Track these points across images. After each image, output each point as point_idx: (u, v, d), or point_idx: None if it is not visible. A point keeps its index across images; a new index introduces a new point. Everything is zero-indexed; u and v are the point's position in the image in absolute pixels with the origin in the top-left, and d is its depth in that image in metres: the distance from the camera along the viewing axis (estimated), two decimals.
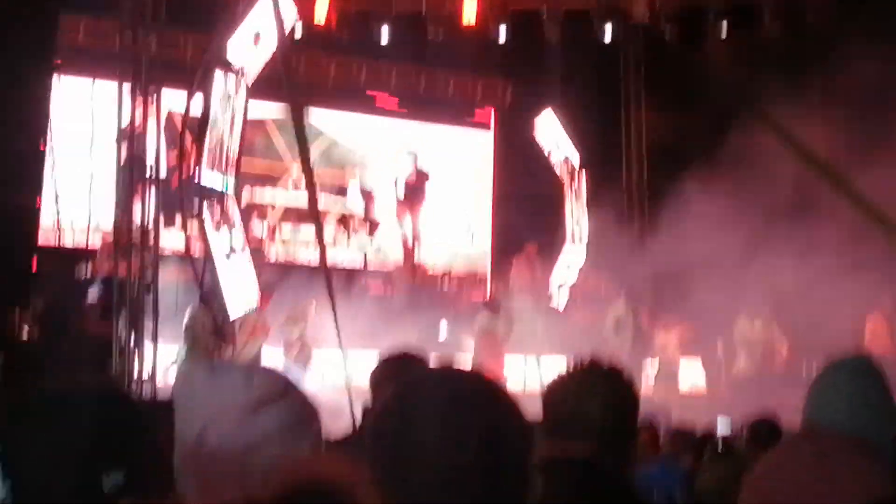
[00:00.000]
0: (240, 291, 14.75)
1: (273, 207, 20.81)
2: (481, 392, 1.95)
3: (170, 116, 16.11)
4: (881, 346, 17.33)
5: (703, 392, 19.27)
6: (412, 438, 1.87)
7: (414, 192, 22.00)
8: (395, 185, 21.97)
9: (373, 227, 21.73)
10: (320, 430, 2.42)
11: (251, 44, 15.33)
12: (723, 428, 9.86)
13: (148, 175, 13.72)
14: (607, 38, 20.31)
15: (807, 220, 17.29)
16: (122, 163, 13.95)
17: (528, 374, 16.64)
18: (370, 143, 22.27)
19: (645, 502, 2.56)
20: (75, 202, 15.81)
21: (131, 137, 13.77)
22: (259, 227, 20.32)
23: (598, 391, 2.99)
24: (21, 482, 2.02)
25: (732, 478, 6.59)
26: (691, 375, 19.38)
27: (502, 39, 20.20)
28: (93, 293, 13.69)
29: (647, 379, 18.56)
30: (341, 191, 21.70)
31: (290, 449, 2.29)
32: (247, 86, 15.47)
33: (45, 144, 13.44)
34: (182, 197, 14.85)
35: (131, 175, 13.77)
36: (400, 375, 4.83)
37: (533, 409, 2.72)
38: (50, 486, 2.02)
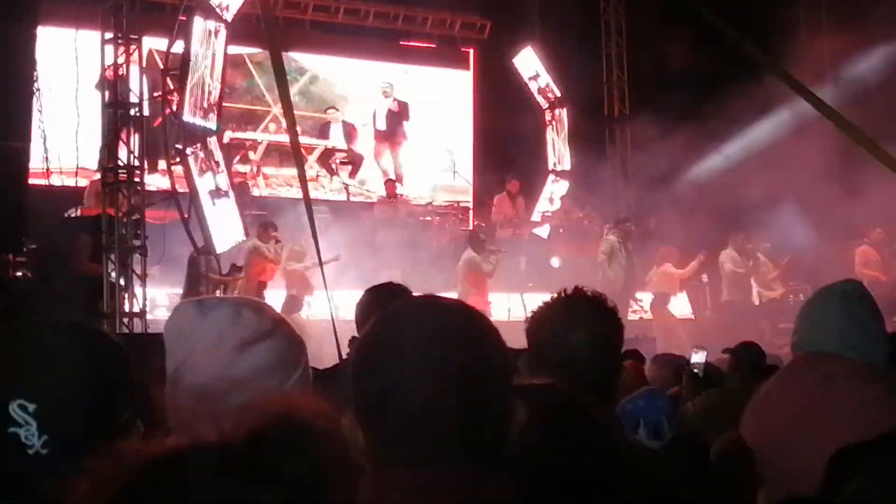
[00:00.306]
0: (225, 228, 14.86)
1: (255, 150, 20.81)
2: (462, 321, 1.92)
3: (151, 58, 16.02)
4: (870, 275, 17.48)
5: (693, 321, 19.36)
6: (392, 368, 1.85)
7: (394, 122, 22.01)
8: (373, 117, 21.99)
9: (356, 164, 21.75)
10: (307, 366, 2.46)
11: None
12: (698, 357, 9.95)
13: (133, 113, 13.84)
14: None
15: (795, 151, 17.31)
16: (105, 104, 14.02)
17: (513, 309, 16.71)
18: (351, 80, 22.22)
19: (603, 428, 2.57)
20: (63, 143, 15.80)
21: (115, 80, 13.85)
22: (243, 167, 20.36)
23: (581, 320, 3.00)
24: (54, 435, 2.07)
25: (717, 404, 6.68)
26: (680, 305, 19.44)
27: None
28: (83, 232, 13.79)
29: (640, 308, 18.70)
30: (324, 128, 21.69)
31: (276, 386, 2.34)
32: (226, 28, 15.43)
33: (32, 91, 13.41)
34: (166, 137, 14.85)
35: (115, 115, 13.85)
36: (384, 305, 4.91)
37: (517, 340, 2.78)
38: (81, 434, 2.06)
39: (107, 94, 14.13)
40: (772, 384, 2.27)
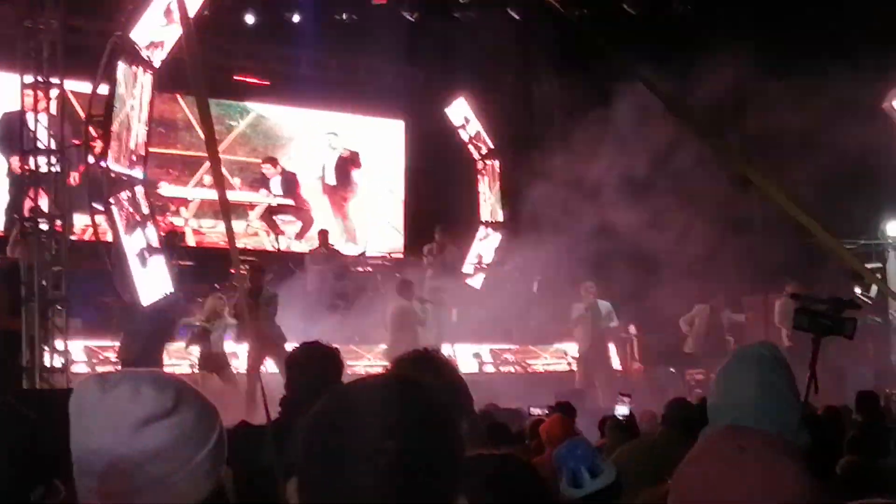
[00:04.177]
0: (152, 281, 14.56)
1: (186, 207, 20.62)
2: (412, 407, 1.92)
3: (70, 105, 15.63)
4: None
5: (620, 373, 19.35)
6: (337, 455, 1.85)
7: (344, 173, 22.10)
8: (323, 170, 21.95)
9: (306, 224, 21.63)
10: (222, 435, 2.38)
11: (155, 31, 14.94)
12: (622, 409, 10.48)
13: (50, 162, 13.46)
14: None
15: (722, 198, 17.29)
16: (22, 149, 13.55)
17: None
18: (293, 125, 22.15)
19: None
20: None
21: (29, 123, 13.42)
22: (177, 219, 20.18)
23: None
24: None
25: (641, 456, 6.76)
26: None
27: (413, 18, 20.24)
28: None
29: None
30: (263, 180, 21.54)
31: (183, 462, 2.26)
32: (153, 73, 15.14)
33: None
34: (89, 185, 14.52)
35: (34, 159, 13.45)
36: (313, 363, 4.93)
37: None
38: None
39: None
40: (690, 456, 2.40)
